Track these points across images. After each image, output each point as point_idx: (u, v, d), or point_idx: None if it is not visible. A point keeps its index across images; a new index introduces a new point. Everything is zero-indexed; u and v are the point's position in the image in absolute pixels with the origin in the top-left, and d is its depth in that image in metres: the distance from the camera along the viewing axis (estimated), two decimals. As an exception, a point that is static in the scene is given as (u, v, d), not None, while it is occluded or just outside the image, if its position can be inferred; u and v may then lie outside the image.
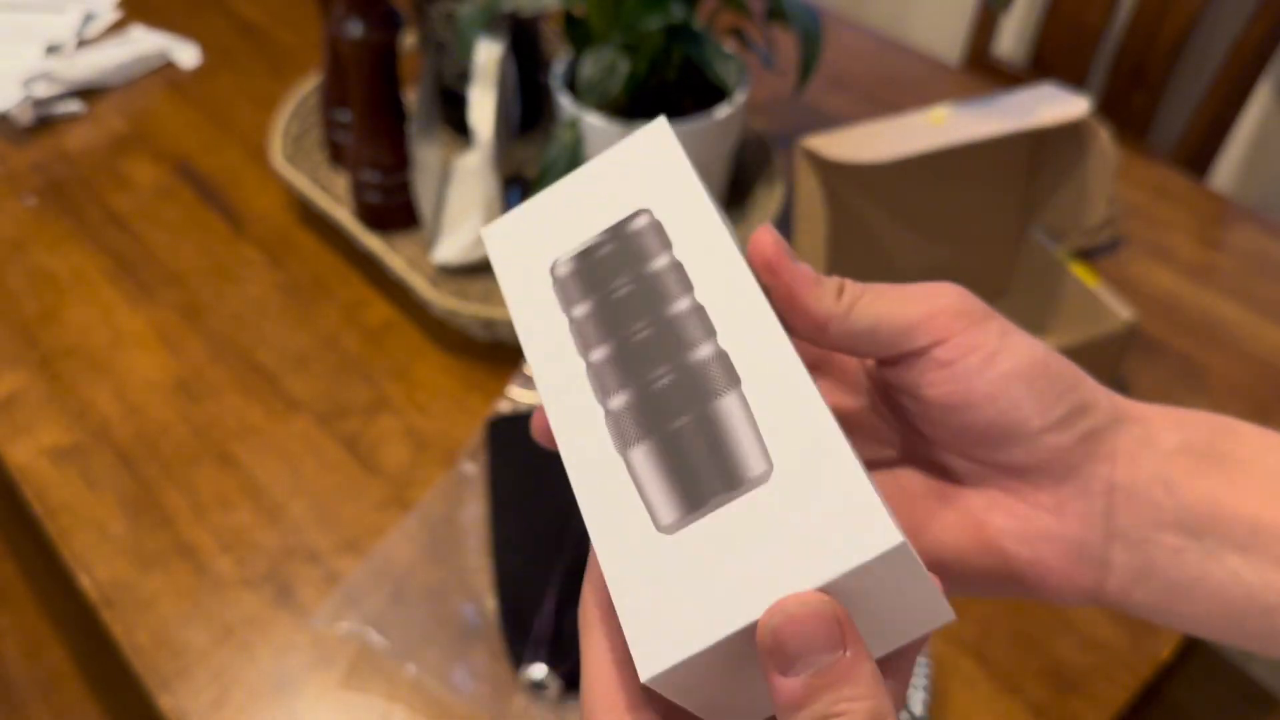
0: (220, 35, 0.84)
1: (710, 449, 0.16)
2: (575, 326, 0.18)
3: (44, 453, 0.53)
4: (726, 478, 0.16)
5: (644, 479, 0.16)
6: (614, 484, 0.16)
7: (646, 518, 0.16)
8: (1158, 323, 0.60)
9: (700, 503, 0.16)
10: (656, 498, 0.16)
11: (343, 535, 0.49)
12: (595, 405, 0.17)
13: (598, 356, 0.17)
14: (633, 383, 0.17)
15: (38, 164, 0.72)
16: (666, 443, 0.16)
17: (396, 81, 0.60)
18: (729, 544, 0.15)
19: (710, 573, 0.15)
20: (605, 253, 0.18)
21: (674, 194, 0.18)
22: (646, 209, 0.19)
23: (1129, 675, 0.44)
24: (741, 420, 0.16)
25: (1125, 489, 0.19)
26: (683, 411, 0.16)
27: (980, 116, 0.49)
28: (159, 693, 0.43)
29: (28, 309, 0.61)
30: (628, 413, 0.17)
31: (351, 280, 0.63)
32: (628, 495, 0.16)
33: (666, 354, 0.17)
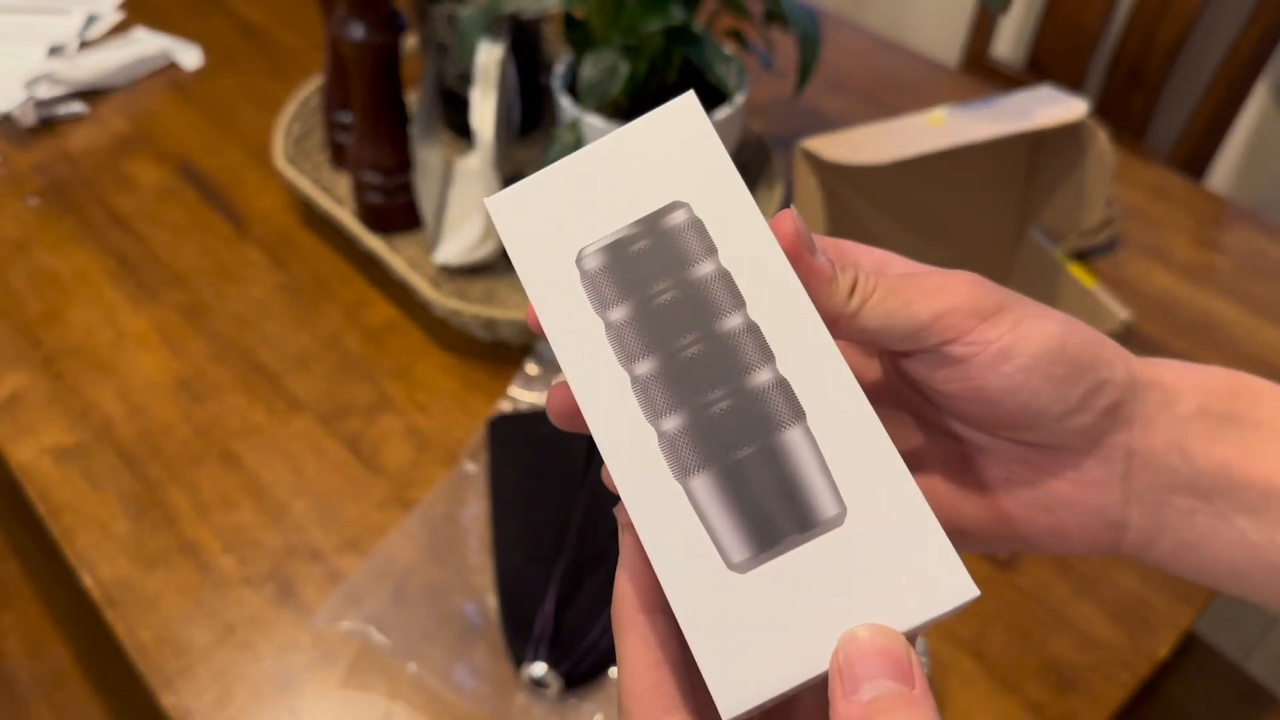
0: (222, 37, 0.85)
1: (779, 486, 0.15)
2: (613, 331, 0.17)
3: (47, 452, 0.53)
4: (799, 519, 0.15)
5: (709, 512, 0.16)
6: (675, 512, 0.16)
7: (714, 553, 0.15)
8: (1155, 323, 0.60)
9: (772, 543, 0.15)
10: (725, 534, 0.15)
11: (344, 534, 0.49)
12: (645, 424, 0.16)
13: (643, 371, 0.16)
14: (686, 404, 0.16)
15: (40, 165, 0.72)
16: (730, 475, 0.16)
17: (398, 83, 0.60)
18: (804, 586, 0.15)
19: (787, 615, 0.15)
20: (640, 249, 0.17)
21: (710, 185, 0.17)
22: (684, 202, 0.17)
23: (1127, 673, 0.44)
24: (810, 457, 0.16)
25: (1142, 454, 0.19)
26: (745, 442, 0.16)
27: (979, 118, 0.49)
28: (162, 691, 0.44)
29: (30, 309, 0.62)
30: (683, 437, 0.16)
31: (353, 281, 0.63)
32: (692, 527, 0.15)
33: (721, 375, 0.16)
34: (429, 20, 0.65)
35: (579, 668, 0.43)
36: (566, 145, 0.52)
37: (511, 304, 0.60)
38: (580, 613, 0.45)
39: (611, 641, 0.44)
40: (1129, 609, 0.46)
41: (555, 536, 0.48)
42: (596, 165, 0.17)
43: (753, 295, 0.16)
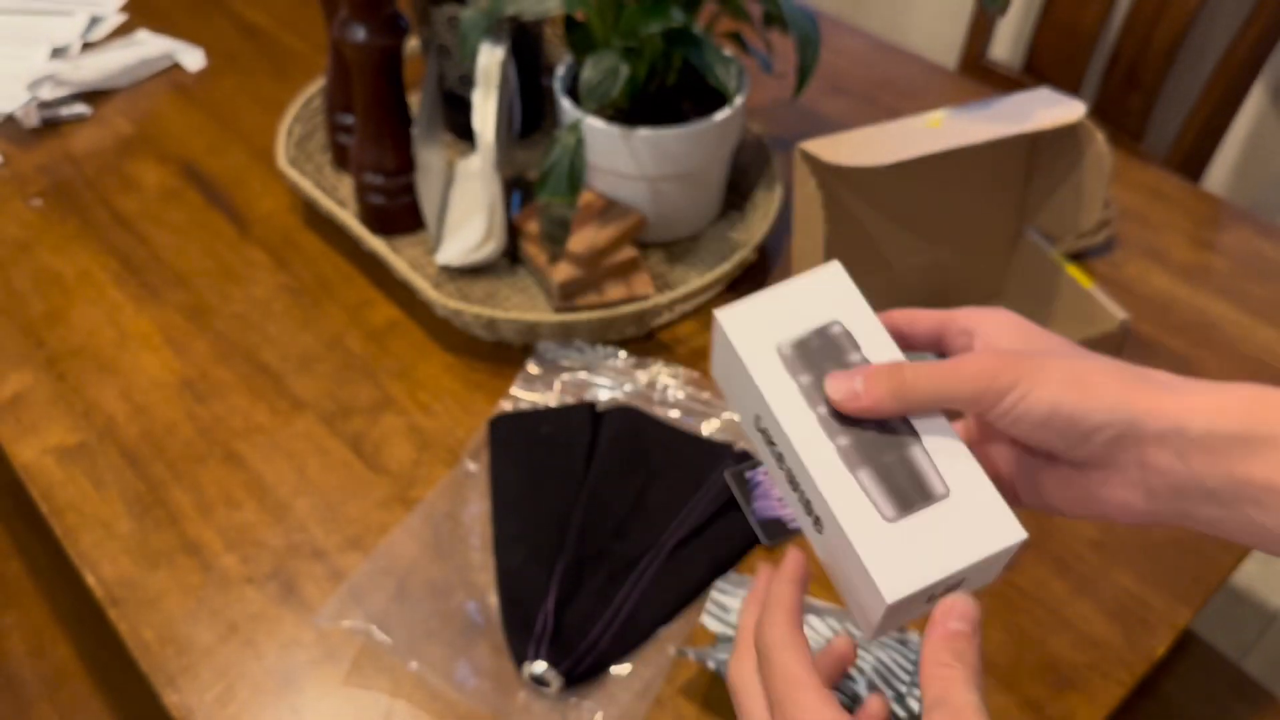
0: (225, 39, 0.85)
1: (910, 476, 0.27)
2: (803, 389, 0.29)
3: (50, 452, 0.54)
4: (923, 495, 0.27)
5: (870, 490, 0.27)
6: (850, 490, 0.27)
7: (875, 512, 0.27)
8: (1152, 323, 0.61)
9: (909, 507, 0.27)
10: (880, 501, 0.27)
11: (347, 533, 0.49)
12: (827, 440, 0.28)
13: (824, 410, 0.28)
14: (850, 432, 0.28)
15: (44, 166, 0.72)
16: (881, 470, 0.27)
17: (400, 85, 0.61)
18: (927, 530, 0.27)
19: (920, 545, 0.26)
20: (815, 345, 0.29)
21: (853, 313, 0.30)
22: (838, 321, 0.30)
23: (1124, 672, 0.44)
24: (926, 461, 0.27)
25: (1153, 467, 0.25)
26: (889, 451, 0.28)
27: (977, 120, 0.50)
28: (164, 689, 0.44)
29: (34, 309, 0.62)
30: (851, 449, 0.28)
31: (355, 281, 0.63)
32: (860, 498, 0.27)
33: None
34: (430, 22, 0.66)
35: (580, 666, 0.43)
36: (567, 147, 0.53)
37: (512, 304, 0.61)
38: (581, 611, 0.45)
39: (611, 640, 0.44)
40: (1126, 608, 0.46)
41: (556, 535, 0.48)
42: (783, 301, 0.30)
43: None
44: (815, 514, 0.28)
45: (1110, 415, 0.25)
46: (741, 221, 0.66)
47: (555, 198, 0.53)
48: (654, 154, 0.58)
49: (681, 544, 0.48)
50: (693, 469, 0.51)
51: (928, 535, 0.26)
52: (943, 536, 0.26)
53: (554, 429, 0.52)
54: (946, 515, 0.26)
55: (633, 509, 0.49)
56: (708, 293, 0.61)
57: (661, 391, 0.56)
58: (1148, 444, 0.25)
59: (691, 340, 0.59)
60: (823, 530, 0.28)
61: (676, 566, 0.47)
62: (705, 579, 0.47)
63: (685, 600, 0.46)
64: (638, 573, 0.46)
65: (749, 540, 0.48)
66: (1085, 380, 0.25)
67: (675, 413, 0.54)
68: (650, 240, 0.64)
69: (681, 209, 0.63)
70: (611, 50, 0.54)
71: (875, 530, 0.26)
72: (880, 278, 0.57)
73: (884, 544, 0.26)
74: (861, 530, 0.26)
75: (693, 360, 0.58)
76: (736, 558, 0.48)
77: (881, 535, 0.26)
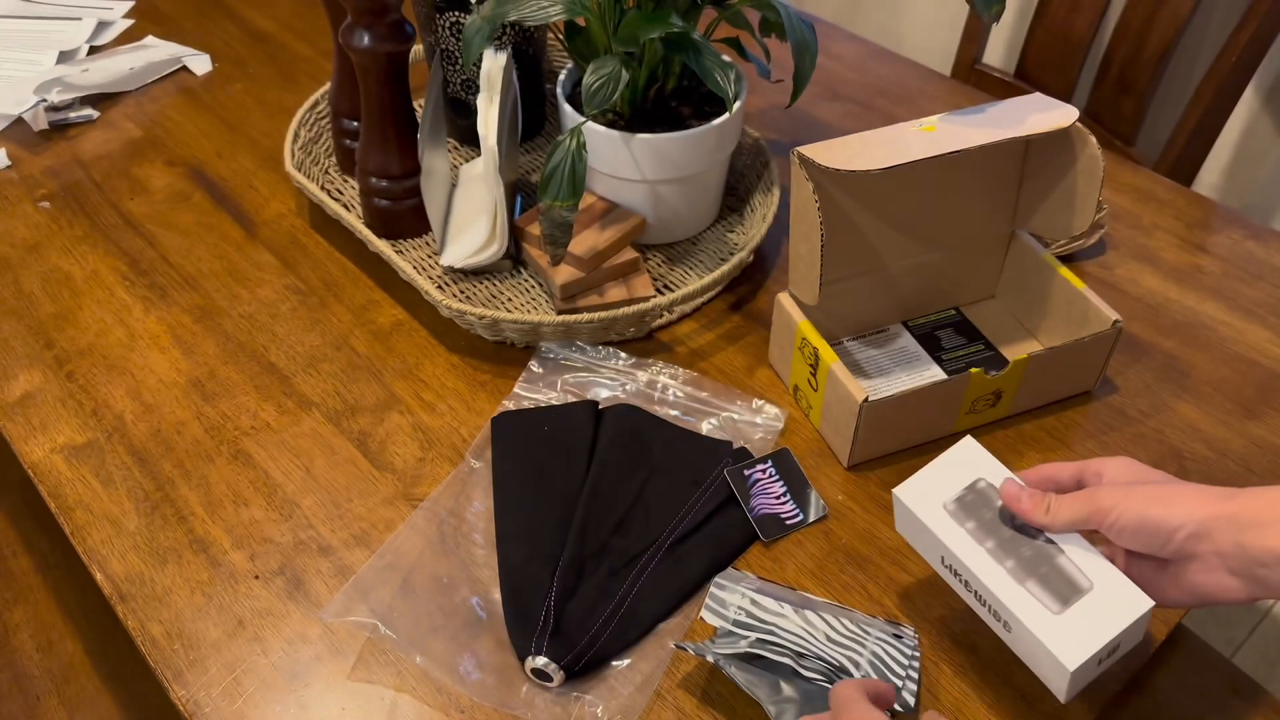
0: (232, 44, 0.86)
1: (1062, 579, 0.39)
2: (970, 533, 0.41)
3: (59, 450, 0.54)
4: (1075, 590, 0.39)
5: (1038, 595, 0.39)
6: (1024, 598, 0.39)
7: (1045, 610, 0.39)
8: (1143, 324, 0.61)
9: (1068, 601, 0.39)
10: (1047, 601, 0.39)
11: (353, 530, 0.50)
12: (998, 566, 0.40)
13: (990, 545, 0.41)
14: (1012, 555, 0.40)
15: (52, 169, 0.73)
16: (1041, 579, 0.39)
17: (405, 90, 0.62)
18: (1085, 614, 0.38)
19: (1082, 626, 0.38)
20: (970, 498, 0.42)
21: (989, 470, 0.43)
22: (981, 477, 0.43)
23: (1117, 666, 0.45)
24: (1071, 566, 0.40)
25: (1224, 552, 0.36)
26: (1043, 565, 0.40)
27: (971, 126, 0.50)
28: (172, 684, 0.44)
29: (43, 310, 0.63)
30: (1017, 568, 0.40)
31: (361, 283, 0.64)
32: (1033, 602, 0.39)
33: (1024, 542, 0.41)
34: (435, 29, 0.67)
35: (580, 660, 0.44)
36: (569, 151, 0.54)
37: (514, 306, 0.61)
38: (582, 606, 0.46)
39: (612, 634, 0.45)
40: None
41: (558, 531, 0.49)
42: (940, 467, 0.43)
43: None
44: (1003, 620, 0.40)
45: (1185, 519, 0.36)
46: (740, 224, 0.67)
47: (557, 201, 0.54)
48: (654, 158, 0.59)
49: (681, 540, 0.48)
50: (692, 467, 0.51)
51: (1086, 618, 0.38)
52: (1096, 617, 0.38)
53: (556, 426, 0.53)
54: (1094, 601, 0.38)
55: (633, 506, 0.50)
56: (707, 294, 0.62)
57: (661, 391, 0.56)
58: (1216, 536, 0.36)
59: (691, 341, 0.60)
60: (1011, 630, 0.40)
61: (676, 562, 0.48)
62: (705, 574, 0.47)
63: (685, 595, 0.47)
64: (638, 568, 0.47)
65: (747, 536, 0.49)
66: (1165, 498, 0.37)
67: (675, 412, 0.55)
68: (650, 243, 0.65)
69: (681, 212, 0.64)
70: (612, 56, 0.55)
71: (1049, 622, 0.38)
72: (875, 279, 0.58)
73: (1057, 630, 0.38)
74: (1039, 624, 0.38)
75: (692, 360, 0.59)
76: (735, 554, 0.49)
77: (1054, 625, 0.38)
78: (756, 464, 0.51)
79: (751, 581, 0.45)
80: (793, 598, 0.45)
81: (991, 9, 0.51)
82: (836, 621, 0.44)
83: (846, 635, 0.43)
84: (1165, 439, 0.54)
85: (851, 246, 0.56)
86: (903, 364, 0.58)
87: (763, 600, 0.44)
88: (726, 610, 0.43)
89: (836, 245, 0.55)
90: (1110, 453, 0.54)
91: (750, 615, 0.43)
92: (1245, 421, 0.55)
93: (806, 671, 0.41)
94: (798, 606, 0.44)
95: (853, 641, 0.43)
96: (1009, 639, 0.40)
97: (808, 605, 0.44)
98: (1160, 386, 0.57)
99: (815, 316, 0.54)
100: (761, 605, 0.43)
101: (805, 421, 0.55)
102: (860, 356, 0.58)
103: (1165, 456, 0.53)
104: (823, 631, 0.43)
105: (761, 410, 0.55)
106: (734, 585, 0.45)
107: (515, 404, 0.56)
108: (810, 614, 0.43)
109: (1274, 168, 1.02)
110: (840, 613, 0.44)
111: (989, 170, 0.56)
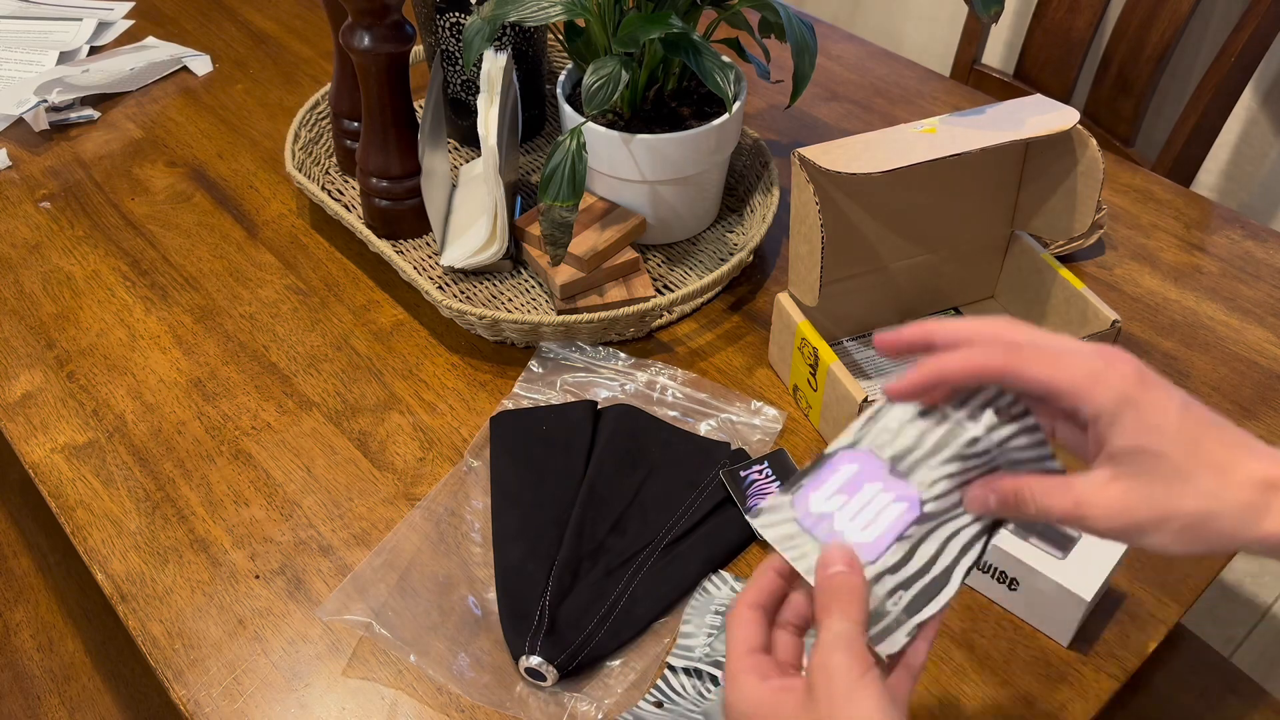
0: (233, 45, 0.86)
1: (1055, 533, 0.44)
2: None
3: (60, 450, 0.54)
4: (1068, 539, 0.45)
5: (1040, 545, 0.44)
6: (1029, 549, 0.44)
7: (1049, 557, 0.44)
8: (1142, 324, 0.61)
9: (1065, 549, 0.44)
10: (1049, 549, 0.44)
11: (353, 530, 0.50)
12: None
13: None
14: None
15: (53, 169, 0.73)
16: (1040, 534, 0.44)
17: (406, 91, 0.62)
18: (1083, 556, 0.44)
19: (1083, 566, 0.44)
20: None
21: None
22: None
23: (1116, 666, 0.45)
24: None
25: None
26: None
27: (971, 128, 0.51)
28: (173, 684, 0.44)
29: (44, 310, 0.63)
30: (1017, 529, 0.45)
31: (362, 283, 0.64)
32: (1037, 552, 0.44)
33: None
34: (435, 30, 0.67)
35: (575, 660, 0.44)
36: (568, 151, 0.54)
37: (514, 306, 0.62)
38: (577, 606, 0.46)
39: (606, 634, 0.45)
40: (1118, 604, 0.47)
41: (555, 530, 0.49)
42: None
43: None
44: (1010, 578, 0.44)
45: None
46: (739, 225, 0.67)
47: (557, 201, 0.54)
48: (653, 159, 0.59)
49: (677, 541, 0.48)
50: (689, 467, 0.52)
51: (1085, 559, 0.44)
52: (1092, 556, 0.43)
53: (554, 426, 0.53)
54: (1087, 545, 0.44)
55: (630, 506, 0.50)
56: (706, 294, 0.62)
57: (660, 392, 0.56)
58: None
59: (690, 341, 0.60)
60: (1018, 585, 0.44)
61: (671, 562, 0.48)
62: (700, 574, 0.47)
63: (680, 595, 0.47)
64: (634, 568, 0.47)
65: (743, 537, 0.49)
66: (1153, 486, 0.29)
67: (674, 413, 0.55)
68: (650, 243, 0.65)
69: (681, 212, 0.64)
70: (612, 57, 0.55)
71: (1057, 566, 0.44)
72: (875, 280, 0.58)
73: (1066, 572, 0.43)
74: (1051, 569, 0.44)
75: (692, 360, 0.59)
76: (731, 554, 0.49)
77: (1062, 568, 0.44)
78: (752, 465, 0.51)
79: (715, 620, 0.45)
80: None
81: (990, 9, 0.51)
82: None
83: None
84: (1164, 439, 0.54)
85: (851, 247, 0.56)
86: (903, 365, 0.58)
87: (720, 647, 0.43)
88: (693, 652, 0.44)
89: (836, 246, 0.55)
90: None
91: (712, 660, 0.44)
92: (1244, 421, 0.55)
93: None
94: None
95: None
96: (1012, 598, 0.45)
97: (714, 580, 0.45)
98: (1159, 387, 0.57)
99: (815, 316, 0.54)
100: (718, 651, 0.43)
101: (805, 421, 0.55)
102: (860, 356, 0.58)
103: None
104: (723, 597, 0.43)
105: (760, 412, 0.55)
106: (728, 585, 0.45)
107: (515, 404, 0.56)
108: (711, 585, 0.44)
109: (1272, 168, 1.02)
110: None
111: (989, 172, 0.56)
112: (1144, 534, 0.29)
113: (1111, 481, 0.29)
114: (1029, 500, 0.30)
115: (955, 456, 0.31)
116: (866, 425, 0.32)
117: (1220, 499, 0.28)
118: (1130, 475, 0.29)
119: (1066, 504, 0.29)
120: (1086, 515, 0.29)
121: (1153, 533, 0.29)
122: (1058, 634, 0.45)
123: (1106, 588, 0.45)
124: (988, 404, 0.31)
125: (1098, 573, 0.44)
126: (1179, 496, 0.28)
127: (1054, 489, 0.30)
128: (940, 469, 0.31)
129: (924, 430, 0.31)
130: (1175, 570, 0.48)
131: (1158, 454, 0.28)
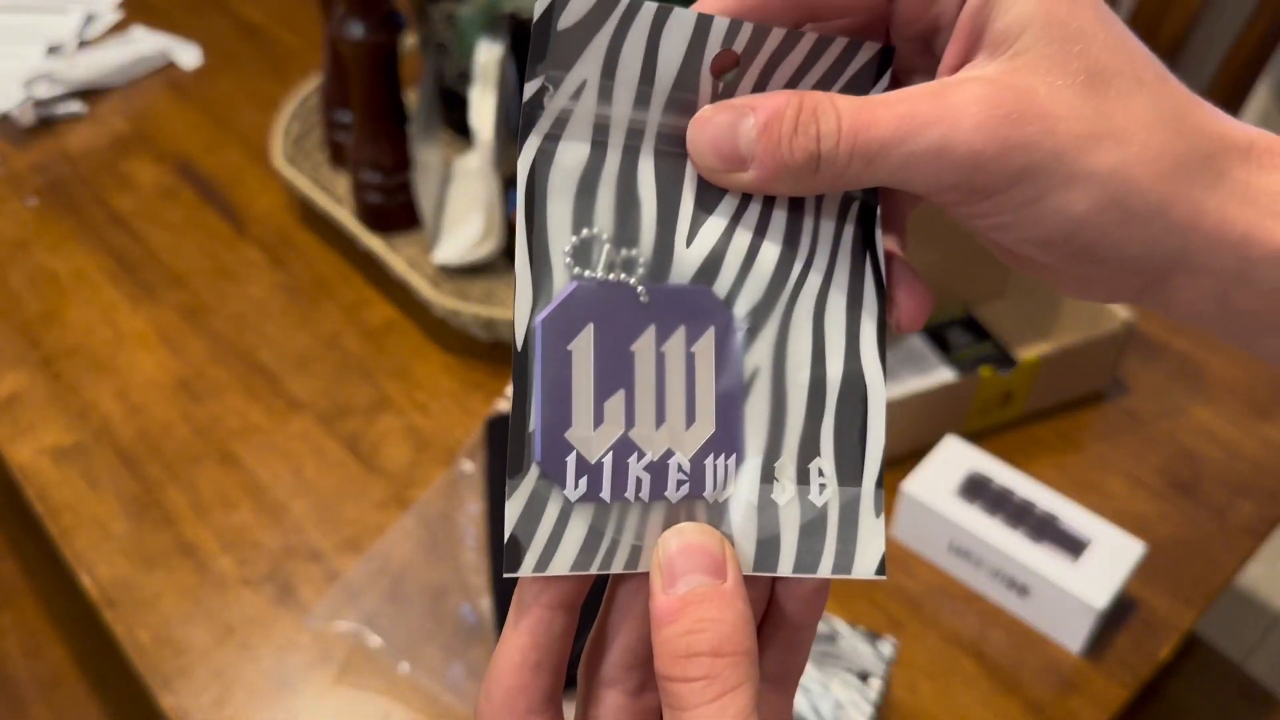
0: (221, 36, 0.85)
1: (1067, 538, 0.44)
2: (980, 510, 0.45)
3: (45, 452, 0.53)
4: (1080, 545, 0.44)
5: (1051, 551, 0.44)
6: (1040, 555, 0.44)
7: (1060, 563, 0.43)
8: (1155, 323, 0.60)
9: (1077, 554, 0.44)
10: (1060, 556, 0.44)
11: (344, 535, 0.49)
12: (1012, 533, 0.43)
13: (999, 519, 0.45)
14: (1020, 525, 0.45)
15: (39, 164, 0.72)
16: (1051, 540, 0.45)
17: (397, 82, 0.60)
18: (1095, 562, 0.43)
19: (1095, 572, 0.44)
20: (968, 485, 0.47)
21: (980, 463, 0.49)
22: (974, 469, 0.46)
23: (1128, 674, 0.44)
24: (1072, 526, 0.44)
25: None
26: (1048, 529, 0.44)
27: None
28: (160, 691, 0.43)
29: (29, 309, 0.61)
30: (1027, 534, 0.45)
31: (352, 280, 0.63)
32: (1048, 558, 0.44)
33: (1026, 513, 0.45)
34: (428, 19, 0.65)
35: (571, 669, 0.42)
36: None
37: (510, 303, 0.60)
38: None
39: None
40: (1130, 610, 0.46)
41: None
42: (934, 466, 0.48)
43: None
44: (1020, 584, 0.43)
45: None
46: (741, 220, 0.66)
47: (554, 196, 0.52)
48: (653, 152, 0.58)
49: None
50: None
51: (1097, 565, 0.43)
52: (1104, 563, 0.42)
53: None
54: (1098, 551, 0.43)
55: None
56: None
57: (661, 391, 0.55)
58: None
59: (691, 340, 0.59)
60: (1029, 593, 0.43)
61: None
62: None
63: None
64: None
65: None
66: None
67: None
68: (649, 239, 0.64)
69: (681, 207, 0.63)
70: (610, 47, 0.53)
71: (1068, 573, 0.43)
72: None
73: (1077, 579, 0.42)
74: (1061, 577, 0.42)
75: (692, 360, 0.58)
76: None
77: (1073, 574, 0.43)
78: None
79: None
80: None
81: None
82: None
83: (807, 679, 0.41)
84: (1177, 440, 0.53)
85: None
86: (910, 363, 0.57)
87: None
88: None
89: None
90: (1121, 457, 0.52)
91: None
92: (1258, 423, 0.54)
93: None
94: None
95: (814, 683, 0.41)
96: (1023, 605, 0.44)
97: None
98: (1172, 387, 0.56)
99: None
100: None
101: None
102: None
103: (1177, 458, 0.52)
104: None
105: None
106: None
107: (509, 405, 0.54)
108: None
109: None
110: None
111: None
112: (1014, 171, 0.17)
113: (987, 78, 0.17)
114: (826, 115, 0.17)
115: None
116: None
117: (1156, 142, 0.17)
118: (1022, 69, 0.17)
119: (899, 113, 0.17)
120: (930, 127, 0.17)
121: (1029, 174, 0.17)
122: (1069, 642, 0.44)
123: (1119, 596, 0.44)
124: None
125: (1110, 581, 0.43)
126: (1097, 112, 0.17)
127: (873, 101, 0.18)
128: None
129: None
130: (1188, 576, 0.47)
131: (1072, 44, 0.17)
